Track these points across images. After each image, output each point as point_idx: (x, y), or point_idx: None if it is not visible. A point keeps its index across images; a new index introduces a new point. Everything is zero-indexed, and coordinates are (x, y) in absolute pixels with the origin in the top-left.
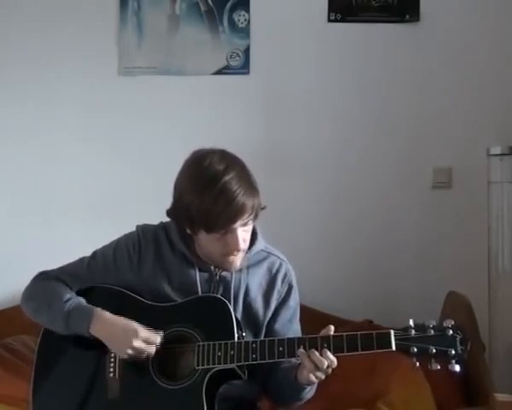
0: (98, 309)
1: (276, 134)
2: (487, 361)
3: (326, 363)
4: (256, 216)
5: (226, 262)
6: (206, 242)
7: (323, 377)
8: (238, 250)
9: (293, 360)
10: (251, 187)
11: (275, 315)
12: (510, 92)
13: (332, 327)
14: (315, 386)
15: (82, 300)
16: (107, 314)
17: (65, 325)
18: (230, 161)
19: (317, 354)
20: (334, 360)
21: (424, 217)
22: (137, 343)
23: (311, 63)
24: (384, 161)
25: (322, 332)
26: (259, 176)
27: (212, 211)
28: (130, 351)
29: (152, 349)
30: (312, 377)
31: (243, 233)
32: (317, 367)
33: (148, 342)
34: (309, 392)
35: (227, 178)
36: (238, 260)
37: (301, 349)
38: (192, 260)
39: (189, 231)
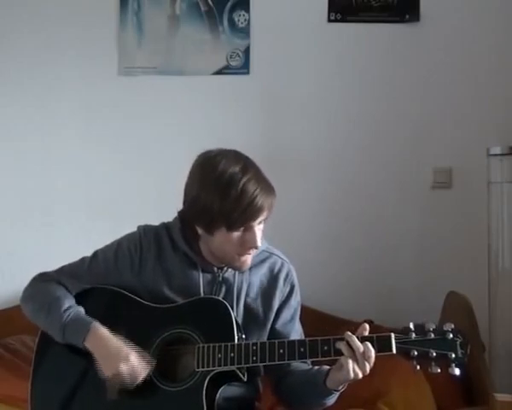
0: (95, 324)
1: (276, 134)
2: (487, 361)
3: (362, 349)
4: (269, 215)
5: (239, 261)
6: (222, 241)
7: (360, 373)
8: (256, 247)
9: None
10: (268, 185)
11: (277, 315)
12: (510, 92)
13: (367, 326)
14: (337, 395)
15: (81, 310)
16: (104, 331)
17: (61, 335)
18: (245, 161)
19: (356, 339)
20: (372, 349)
21: (424, 217)
22: (124, 368)
23: (311, 63)
24: (384, 161)
25: (359, 331)
26: None
27: (234, 211)
28: (115, 372)
29: (136, 379)
30: (350, 370)
31: (259, 232)
32: (355, 355)
33: (134, 371)
34: (333, 398)
35: (246, 178)
36: (250, 259)
37: (343, 342)
38: (195, 261)
39: (201, 231)
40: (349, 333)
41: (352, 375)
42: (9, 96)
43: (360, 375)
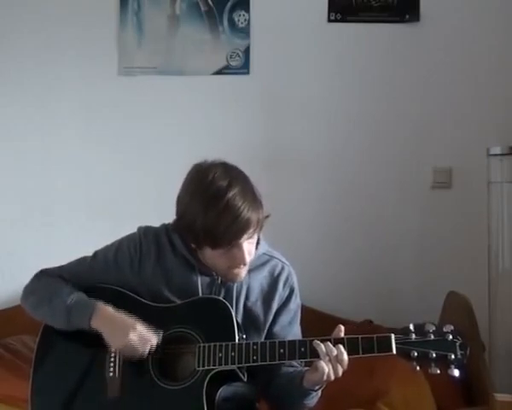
0: (100, 303)
1: (276, 134)
2: (487, 361)
3: (335, 352)
4: (261, 228)
5: (231, 274)
6: (211, 256)
7: (332, 375)
8: (244, 264)
9: (296, 364)
10: (255, 201)
11: (275, 318)
12: (510, 92)
13: (342, 327)
14: (318, 394)
15: (83, 294)
16: (109, 309)
17: (66, 319)
18: (234, 176)
19: (328, 343)
20: (344, 352)
21: (424, 217)
22: (133, 337)
23: (311, 63)
24: (384, 161)
25: (334, 333)
26: (259, 176)
27: (217, 228)
28: (126, 342)
29: (146, 347)
30: (324, 373)
31: (248, 246)
32: (330, 358)
33: (143, 338)
34: (312, 399)
35: (231, 194)
36: (243, 271)
37: (317, 341)
38: (194, 264)
39: (193, 245)
40: (317, 341)
41: (325, 377)
42: (9, 96)
43: (333, 377)
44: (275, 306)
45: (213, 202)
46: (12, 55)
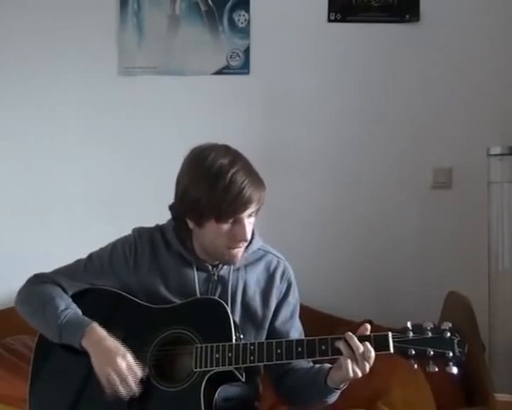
0: (94, 325)
1: (275, 134)
2: (487, 361)
3: (362, 349)
4: (259, 209)
5: (230, 255)
6: (212, 234)
7: (359, 372)
8: (246, 240)
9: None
10: (257, 178)
11: (276, 313)
12: (510, 92)
13: (368, 326)
14: (338, 393)
15: (77, 310)
16: (101, 332)
17: (58, 335)
18: (234, 154)
19: (355, 339)
20: (372, 350)
21: (424, 217)
22: (119, 365)
23: (311, 63)
24: (384, 161)
25: (359, 331)
26: None
27: (222, 202)
28: (110, 370)
29: (130, 381)
30: (349, 369)
31: (248, 225)
32: (354, 354)
33: (131, 369)
34: (334, 396)
35: (234, 169)
36: (241, 252)
37: (342, 342)
38: (189, 260)
39: (192, 225)
40: (349, 333)
41: (351, 375)
42: (9, 96)
43: (360, 374)
44: (274, 301)
45: (218, 179)
46: (12, 55)
